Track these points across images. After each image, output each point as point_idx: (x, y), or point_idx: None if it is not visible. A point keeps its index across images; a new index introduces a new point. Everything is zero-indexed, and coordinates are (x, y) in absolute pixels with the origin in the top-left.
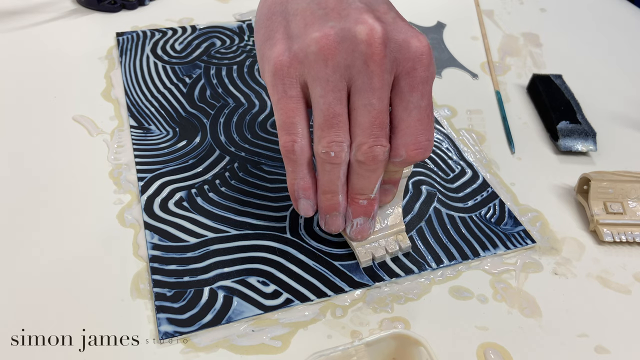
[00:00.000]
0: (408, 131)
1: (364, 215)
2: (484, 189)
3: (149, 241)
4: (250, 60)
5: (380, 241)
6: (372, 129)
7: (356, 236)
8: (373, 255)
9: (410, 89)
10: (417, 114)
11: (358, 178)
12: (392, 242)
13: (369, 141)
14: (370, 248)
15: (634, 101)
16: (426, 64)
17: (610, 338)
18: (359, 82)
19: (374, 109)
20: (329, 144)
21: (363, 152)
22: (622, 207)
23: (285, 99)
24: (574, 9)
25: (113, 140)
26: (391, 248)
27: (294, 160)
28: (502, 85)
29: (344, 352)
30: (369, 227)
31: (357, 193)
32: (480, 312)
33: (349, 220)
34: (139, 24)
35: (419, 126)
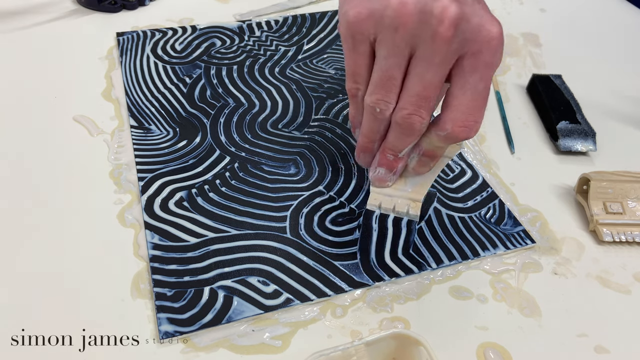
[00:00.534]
0: (459, 108)
1: (386, 167)
2: (483, 189)
3: (150, 241)
4: (251, 60)
5: (394, 198)
6: (417, 99)
7: (374, 181)
8: (380, 203)
9: (471, 70)
10: (471, 94)
11: (393, 136)
12: (403, 205)
13: (410, 109)
14: (382, 197)
15: (634, 101)
16: (493, 50)
17: (610, 338)
18: (421, 52)
19: (426, 81)
20: (378, 100)
21: (401, 117)
22: (622, 207)
23: (355, 53)
24: (573, 9)
25: (113, 140)
26: (400, 208)
27: (356, 102)
28: (501, 85)
29: (344, 351)
30: (388, 180)
31: (388, 148)
32: (480, 312)
33: (374, 166)
34: (139, 24)
35: (471, 106)
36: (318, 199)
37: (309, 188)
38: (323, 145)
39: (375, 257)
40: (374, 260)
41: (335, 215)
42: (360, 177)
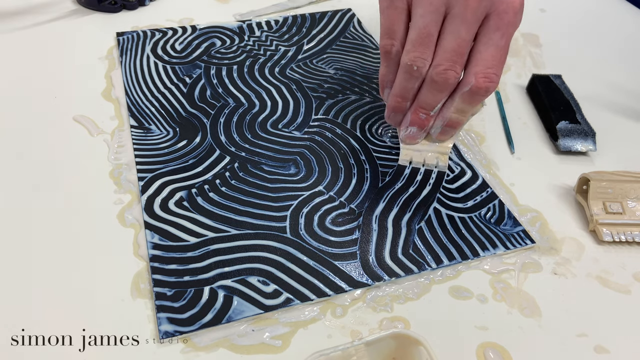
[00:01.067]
0: (481, 62)
1: (418, 126)
2: (483, 189)
3: (150, 241)
4: (250, 60)
5: (423, 153)
6: (452, 55)
7: (405, 139)
8: (412, 158)
9: (496, 28)
10: (493, 50)
11: (426, 93)
12: (432, 158)
13: (446, 64)
14: (412, 152)
15: (634, 101)
16: (516, 10)
17: (610, 338)
18: (456, 10)
19: (460, 37)
20: (416, 58)
21: (438, 72)
22: (622, 207)
23: (392, 9)
24: (573, 10)
25: (113, 140)
26: (430, 161)
27: (389, 59)
28: (501, 85)
29: (344, 351)
30: (419, 137)
31: (421, 106)
32: (479, 312)
33: (405, 125)
34: (139, 24)
35: (492, 60)
36: (318, 199)
37: (309, 188)
38: (323, 145)
39: (375, 257)
40: (374, 260)
41: (335, 215)
42: (360, 177)
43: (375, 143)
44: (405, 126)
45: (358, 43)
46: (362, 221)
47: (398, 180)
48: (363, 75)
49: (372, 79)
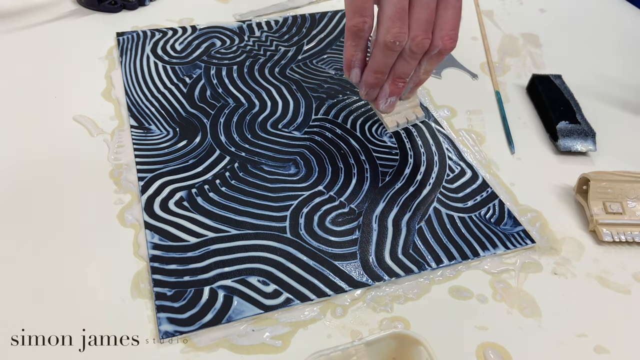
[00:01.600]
0: (445, 26)
1: (397, 94)
2: (483, 189)
3: (150, 241)
4: (250, 60)
5: (402, 114)
6: (425, 24)
7: (387, 109)
8: (397, 122)
9: None
10: (452, 12)
11: (403, 64)
12: (410, 114)
13: (422, 34)
14: (394, 117)
15: (634, 101)
16: None
17: (610, 338)
18: None
19: (430, 7)
20: (398, 34)
21: (416, 43)
22: (622, 207)
23: None
24: (573, 9)
25: (113, 140)
26: (410, 117)
27: (360, 37)
28: (501, 85)
29: (344, 351)
30: (396, 103)
31: (398, 77)
32: (479, 312)
33: (384, 97)
34: (139, 24)
35: (453, 22)
36: (318, 199)
37: (309, 188)
38: (323, 145)
39: (375, 257)
40: (374, 260)
41: (335, 215)
42: (360, 177)
43: (375, 143)
44: (385, 98)
45: None
46: (362, 221)
47: (398, 180)
48: None
49: None
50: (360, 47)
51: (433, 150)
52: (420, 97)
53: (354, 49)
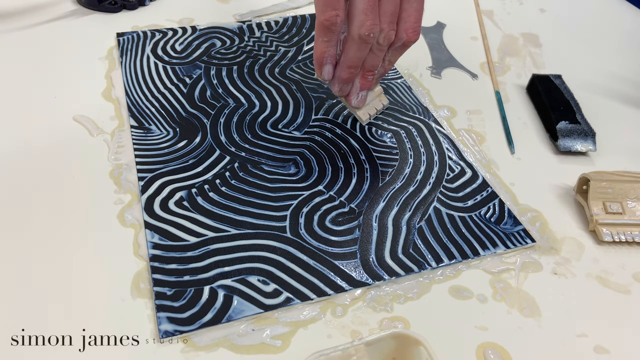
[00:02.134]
0: (409, 19)
1: (367, 88)
2: (483, 188)
3: (150, 240)
4: (251, 60)
5: (371, 104)
6: (391, 17)
7: (359, 104)
8: (369, 114)
9: None
10: (416, 5)
11: (372, 57)
12: (378, 103)
13: (388, 27)
14: (366, 110)
15: (634, 101)
16: None
17: (610, 338)
18: None
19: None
20: (372, 27)
21: (384, 36)
22: (622, 207)
23: None
24: (573, 9)
25: (113, 140)
26: (378, 106)
27: (332, 31)
28: (501, 85)
29: (344, 351)
30: (367, 97)
31: (368, 70)
32: (479, 312)
33: (355, 92)
34: (139, 24)
35: (416, 15)
36: (318, 199)
37: (309, 188)
38: (323, 145)
39: (375, 256)
40: (374, 260)
41: (335, 215)
42: (360, 177)
43: (375, 143)
44: (356, 93)
45: None
46: (362, 220)
47: (398, 180)
48: None
49: None
50: (332, 42)
51: (433, 150)
52: (420, 97)
53: (326, 45)
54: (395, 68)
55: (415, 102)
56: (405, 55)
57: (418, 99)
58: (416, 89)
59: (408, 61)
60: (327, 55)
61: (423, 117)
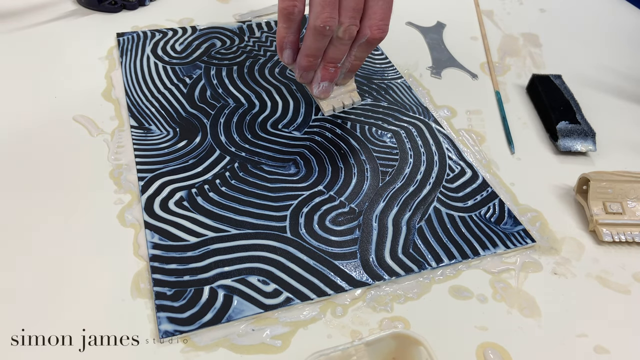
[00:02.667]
0: (374, 16)
1: (329, 80)
2: (483, 188)
3: (150, 240)
4: (251, 60)
5: (338, 98)
6: (353, 12)
7: (319, 95)
8: (333, 106)
9: None
10: (383, 3)
11: (333, 49)
12: (347, 99)
13: (349, 21)
14: (330, 102)
15: (634, 101)
16: None
17: (610, 338)
18: None
19: None
20: (327, 19)
21: (343, 30)
22: (622, 207)
23: None
24: (573, 9)
25: (113, 140)
26: (347, 102)
27: (291, 20)
28: (501, 85)
29: (344, 351)
30: (330, 89)
31: (329, 62)
32: (479, 312)
33: (317, 82)
34: (139, 24)
35: (382, 13)
36: (318, 199)
37: (309, 188)
38: (323, 145)
39: (375, 256)
40: (374, 260)
41: (335, 215)
42: (360, 177)
43: (375, 143)
44: (317, 83)
45: None
46: (362, 220)
47: (398, 180)
48: (363, 76)
49: (372, 79)
50: (292, 29)
51: (433, 150)
52: (420, 97)
53: (286, 31)
54: (395, 68)
55: (415, 102)
56: (405, 55)
57: (418, 99)
58: (416, 89)
59: (408, 61)
60: (286, 40)
61: (423, 117)
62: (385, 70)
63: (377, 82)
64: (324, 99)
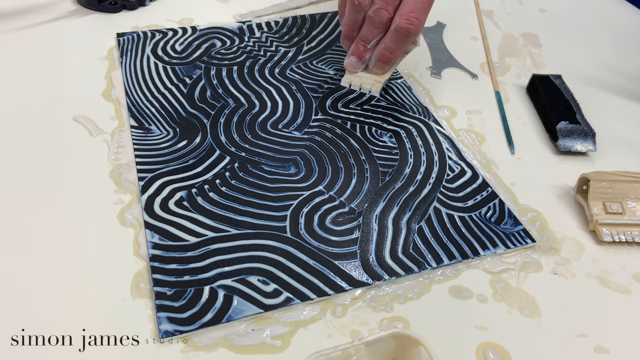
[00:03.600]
0: (407, 7)
1: (358, 56)
2: (483, 188)
3: (150, 240)
4: (251, 61)
5: (362, 79)
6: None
7: (347, 66)
8: (351, 82)
9: None
10: None
11: (365, 28)
12: (367, 84)
13: (380, 4)
14: (352, 77)
15: (634, 101)
16: None
17: (610, 338)
18: None
19: None
20: None
21: (373, 10)
22: (622, 207)
23: None
24: (573, 9)
25: (113, 140)
26: (365, 86)
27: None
28: (501, 85)
29: (344, 351)
30: (357, 67)
31: (360, 39)
32: (479, 312)
33: (349, 55)
34: (140, 25)
35: (415, 5)
36: (318, 199)
37: (309, 188)
38: (323, 145)
39: (375, 256)
40: (374, 260)
41: (336, 215)
42: (360, 177)
43: (375, 143)
44: (349, 55)
45: None
46: (362, 220)
47: (398, 180)
48: None
49: None
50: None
51: (433, 150)
52: (420, 97)
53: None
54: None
55: (415, 102)
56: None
57: (418, 99)
58: (416, 89)
59: (408, 61)
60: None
61: (423, 117)
62: None
63: None
64: (349, 72)
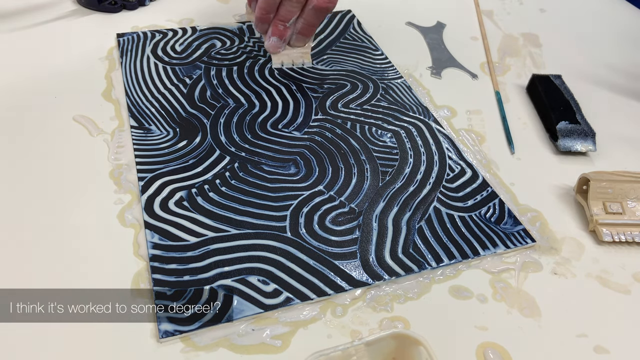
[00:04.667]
0: None
1: (278, 36)
2: (483, 188)
3: (150, 240)
4: (251, 61)
5: (290, 55)
6: None
7: (269, 48)
8: (282, 61)
9: None
10: None
11: (283, 9)
12: (298, 58)
13: None
14: (281, 57)
15: (633, 101)
16: None
17: (610, 338)
18: None
19: None
20: None
21: None
22: (622, 207)
23: None
24: (573, 9)
25: (113, 140)
26: (297, 60)
27: None
28: (501, 85)
29: (344, 351)
30: (280, 46)
31: (279, 19)
32: (479, 312)
33: (268, 37)
34: (140, 25)
35: None
36: (318, 199)
37: (309, 188)
38: (323, 145)
39: (375, 256)
40: (374, 259)
41: (335, 215)
42: (360, 177)
43: (375, 143)
44: (269, 37)
45: (358, 44)
46: (362, 220)
47: (398, 180)
48: (363, 75)
49: (371, 79)
50: None
51: (433, 150)
52: (420, 97)
53: None
54: (395, 68)
55: (415, 102)
56: (405, 55)
57: (418, 99)
58: (416, 89)
59: (408, 61)
60: None
61: (423, 117)
62: (385, 70)
63: (377, 82)
64: (275, 54)
